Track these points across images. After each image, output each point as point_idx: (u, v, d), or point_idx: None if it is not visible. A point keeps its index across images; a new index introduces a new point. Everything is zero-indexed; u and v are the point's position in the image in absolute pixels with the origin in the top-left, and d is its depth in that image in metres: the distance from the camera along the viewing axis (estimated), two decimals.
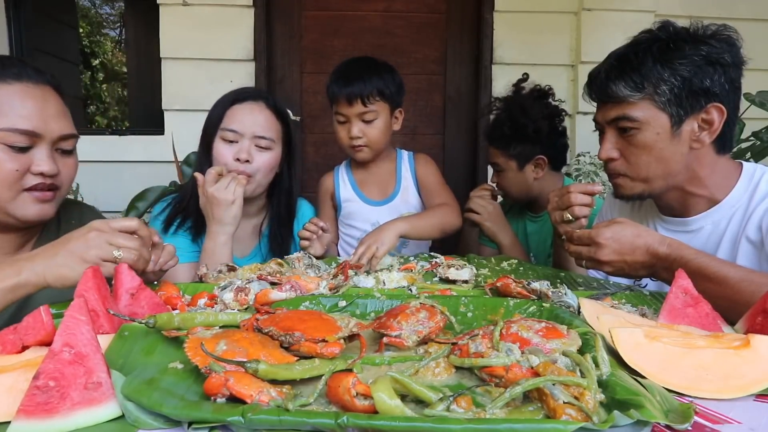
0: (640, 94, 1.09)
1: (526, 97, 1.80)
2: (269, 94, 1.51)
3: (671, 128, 1.09)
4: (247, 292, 0.89)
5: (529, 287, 0.91)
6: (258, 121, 1.41)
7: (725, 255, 1.12)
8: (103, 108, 7.11)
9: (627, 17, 2.55)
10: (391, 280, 1.05)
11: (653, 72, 1.07)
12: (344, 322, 0.70)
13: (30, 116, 1.03)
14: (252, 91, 1.50)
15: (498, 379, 0.59)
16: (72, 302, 0.59)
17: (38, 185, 1.05)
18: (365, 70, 1.62)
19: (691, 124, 1.09)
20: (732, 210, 1.13)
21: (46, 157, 1.05)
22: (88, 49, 6.67)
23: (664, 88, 1.07)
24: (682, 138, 1.10)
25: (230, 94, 1.46)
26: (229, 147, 1.39)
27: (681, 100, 1.07)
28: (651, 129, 1.09)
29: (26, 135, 1.02)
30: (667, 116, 1.09)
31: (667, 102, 1.08)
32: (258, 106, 1.43)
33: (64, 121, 1.09)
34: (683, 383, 0.61)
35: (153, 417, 0.53)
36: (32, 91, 1.04)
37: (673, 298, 0.81)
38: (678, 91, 1.06)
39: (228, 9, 2.53)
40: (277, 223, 1.54)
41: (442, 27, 2.71)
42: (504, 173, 1.79)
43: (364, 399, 0.52)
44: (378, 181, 1.79)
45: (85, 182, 2.23)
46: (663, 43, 1.09)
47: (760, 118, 2.19)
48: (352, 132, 1.62)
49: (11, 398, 0.55)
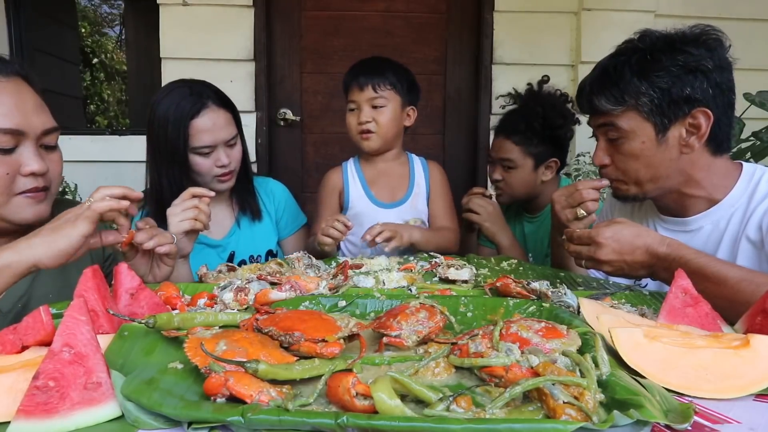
0: (622, 107, 1.11)
1: (557, 98, 1.80)
2: (209, 89, 1.48)
3: (656, 136, 1.10)
4: (246, 292, 0.89)
5: (529, 287, 0.91)
6: (222, 125, 1.46)
7: (725, 255, 1.12)
8: (103, 108, 7.11)
9: (627, 17, 2.54)
10: (391, 280, 1.05)
11: (631, 86, 1.09)
12: (344, 322, 0.70)
13: (9, 113, 0.94)
14: (198, 94, 1.44)
15: (498, 379, 0.59)
16: (72, 302, 0.59)
17: (31, 189, 0.99)
18: (381, 63, 1.67)
19: (678, 129, 1.10)
20: (731, 210, 1.13)
21: (33, 156, 0.97)
22: (88, 49, 6.66)
23: (644, 100, 1.08)
24: (670, 144, 1.11)
25: (182, 110, 1.41)
26: (205, 159, 1.45)
27: (663, 110, 1.08)
28: (637, 138, 1.11)
29: (10, 134, 0.94)
30: (651, 125, 1.10)
31: (650, 112, 1.09)
32: (213, 113, 1.44)
33: (44, 114, 1.01)
34: (683, 383, 0.61)
35: (153, 417, 0.53)
36: (5, 86, 0.95)
37: (672, 298, 0.81)
38: (658, 101, 1.08)
39: (228, 9, 2.53)
40: (240, 187, 1.60)
41: (442, 27, 2.71)
42: (515, 170, 1.74)
43: (363, 399, 0.52)
44: (388, 182, 1.77)
45: (85, 182, 2.23)
46: (641, 55, 1.10)
47: (760, 118, 2.19)
48: (361, 117, 1.63)
49: (11, 398, 0.55)
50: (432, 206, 1.76)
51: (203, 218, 1.20)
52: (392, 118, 1.66)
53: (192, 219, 1.18)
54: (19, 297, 1.02)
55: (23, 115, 0.96)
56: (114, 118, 6.92)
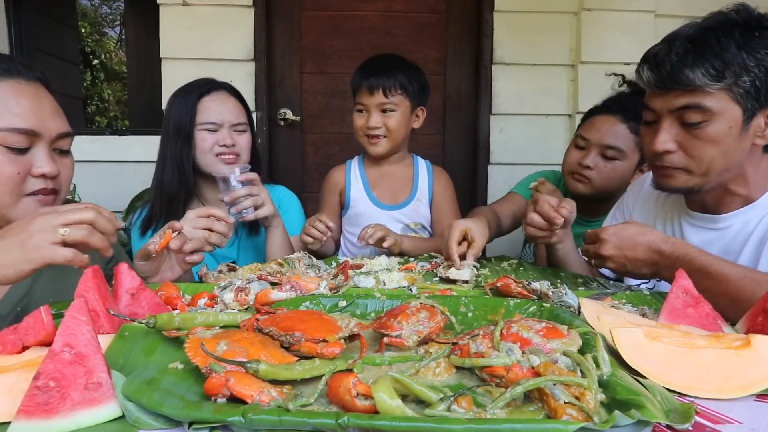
0: (720, 83, 0.98)
1: None
2: (226, 83, 1.59)
3: (743, 122, 1.00)
4: (247, 292, 0.89)
5: (530, 287, 0.91)
6: (230, 109, 1.52)
7: (749, 255, 1.08)
8: (103, 108, 7.10)
9: (627, 17, 2.54)
10: (392, 280, 1.05)
11: (737, 59, 0.97)
12: (344, 322, 0.70)
13: (27, 115, 0.97)
14: (211, 81, 1.57)
15: (499, 379, 0.59)
16: (72, 302, 0.59)
17: (40, 190, 1.00)
18: (391, 63, 1.65)
19: (760, 118, 1.02)
20: (765, 210, 1.08)
21: (46, 158, 1.00)
22: (88, 49, 6.66)
23: (745, 79, 0.98)
24: (749, 133, 1.02)
25: (191, 88, 1.52)
26: (211, 136, 1.49)
27: (759, 93, 0.99)
28: (723, 121, 1.00)
29: (26, 135, 0.97)
30: (741, 109, 1.00)
31: (745, 94, 0.98)
32: (225, 95, 1.53)
33: (60, 119, 1.04)
34: (684, 383, 0.61)
35: (153, 417, 0.53)
36: (25, 89, 0.99)
37: (673, 298, 0.81)
38: (759, 83, 0.98)
39: (228, 9, 2.53)
40: None
41: (442, 27, 2.71)
42: (617, 162, 1.50)
43: (364, 399, 0.52)
44: (391, 184, 1.76)
45: (85, 182, 2.22)
46: (746, 29, 0.99)
47: None
48: (371, 122, 1.62)
49: (11, 398, 0.55)
50: (435, 212, 1.74)
51: (215, 240, 1.15)
52: (402, 122, 1.65)
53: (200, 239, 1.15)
54: (18, 300, 1.02)
55: (39, 117, 0.99)
56: (114, 118, 6.92)
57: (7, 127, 0.95)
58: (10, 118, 0.96)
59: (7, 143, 0.96)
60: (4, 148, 0.96)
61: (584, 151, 1.57)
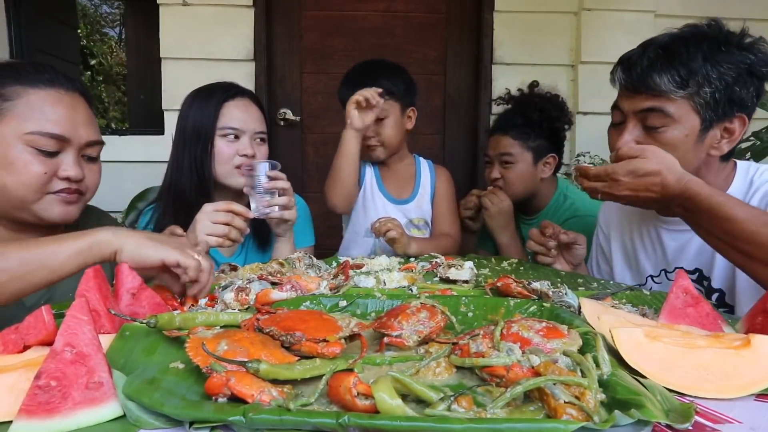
0: (683, 91, 1.04)
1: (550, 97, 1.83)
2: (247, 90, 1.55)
3: (699, 132, 1.06)
4: (247, 292, 0.89)
5: (530, 287, 0.92)
6: (254, 117, 1.48)
7: None
8: (102, 108, 7.10)
9: (627, 17, 2.54)
10: (392, 280, 1.05)
11: (702, 70, 1.02)
12: (345, 321, 0.70)
13: (60, 121, 1.05)
14: (235, 85, 1.52)
15: (499, 378, 0.59)
16: (73, 302, 0.60)
17: (64, 190, 1.07)
18: (373, 71, 1.67)
19: (716, 130, 1.07)
20: None
21: (72, 162, 1.07)
22: (88, 50, 6.66)
23: (706, 90, 1.03)
24: (705, 143, 1.07)
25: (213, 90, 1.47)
26: (231, 144, 1.45)
27: (717, 106, 1.04)
28: (681, 129, 1.06)
29: (55, 139, 1.05)
30: (699, 119, 1.05)
31: (704, 104, 1.04)
32: (248, 102, 1.49)
33: (92, 128, 1.13)
34: (684, 383, 0.61)
35: (154, 417, 0.53)
36: (63, 98, 1.07)
37: (673, 298, 0.81)
38: (719, 95, 1.03)
39: (228, 9, 2.53)
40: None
41: (442, 27, 2.71)
42: (514, 166, 1.75)
43: (365, 399, 0.52)
44: (397, 181, 1.80)
45: None
46: (713, 43, 1.04)
47: (760, 118, 2.18)
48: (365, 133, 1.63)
49: (13, 398, 0.55)
50: (436, 210, 1.78)
51: (234, 235, 1.18)
52: (395, 127, 1.69)
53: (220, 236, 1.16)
54: (42, 292, 1.04)
55: (72, 125, 1.07)
56: (113, 118, 6.92)
57: (40, 131, 1.03)
58: (44, 123, 1.04)
59: (38, 145, 1.03)
60: (34, 149, 1.03)
61: (491, 165, 1.83)
